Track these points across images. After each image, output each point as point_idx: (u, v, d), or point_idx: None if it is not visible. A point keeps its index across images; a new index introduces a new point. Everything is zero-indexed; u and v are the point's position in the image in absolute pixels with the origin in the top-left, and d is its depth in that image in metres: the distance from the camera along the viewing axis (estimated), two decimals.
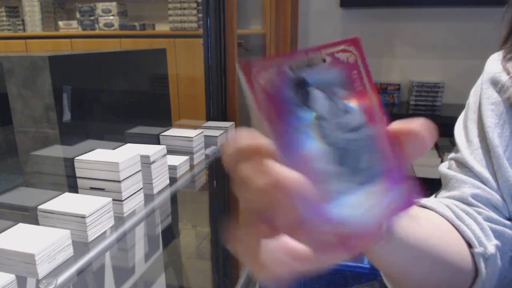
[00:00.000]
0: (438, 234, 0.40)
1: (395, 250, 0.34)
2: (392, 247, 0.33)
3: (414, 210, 0.33)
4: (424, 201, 0.46)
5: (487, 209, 0.44)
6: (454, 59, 2.29)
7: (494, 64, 0.50)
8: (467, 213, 0.43)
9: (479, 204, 0.45)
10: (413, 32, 2.31)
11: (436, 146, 2.20)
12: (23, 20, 3.06)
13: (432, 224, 0.41)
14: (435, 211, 0.44)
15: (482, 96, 0.49)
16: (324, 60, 0.24)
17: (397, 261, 0.35)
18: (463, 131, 0.52)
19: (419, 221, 0.36)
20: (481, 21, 2.16)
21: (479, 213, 0.44)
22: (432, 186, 0.54)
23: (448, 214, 0.43)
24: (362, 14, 2.38)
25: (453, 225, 0.42)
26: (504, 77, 0.48)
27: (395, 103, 2.35)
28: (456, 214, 0.43)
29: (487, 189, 0.45)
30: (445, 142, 2.24)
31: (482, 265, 0.40)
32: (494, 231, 0.43)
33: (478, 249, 0.40)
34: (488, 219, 0.43)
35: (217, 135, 1.26)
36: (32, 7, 2.96)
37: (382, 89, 2.35)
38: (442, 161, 2.26)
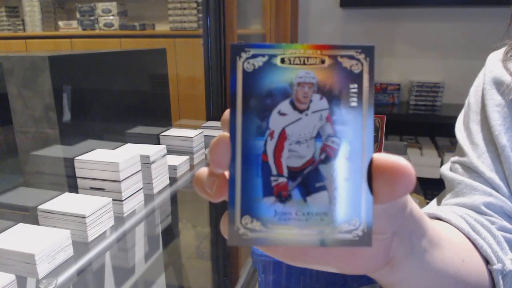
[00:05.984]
0: (459, 257, 0.36)
1: (413, 275, 0.29)
2: (409, 273, 0.29)
3: (435, 230, 0.28)
4: (437, 211, 0.43)
5: (500, 218, 0.43)
6: (454, 59, 2.29)
7: (495, 63, 0.49)
8: (482, 224, 0.41)
9: (492, 213, 0.43)
10: (413, 32, 2.31)
11: (436, 146, 2.20)
12: (23, 20, 3.05)
13: (453, 246, 0.35)
14: (450, 223, 0.41)
15: (486, 97, 0.48)
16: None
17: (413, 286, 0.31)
18: (465, 133, 0.50)
19: (443, 245, 0.31)
20: (481, 21, 2.16)
21: (492, 223, 0.42)
22: (432, 186, 0.54)
23: (463, 226, 0.40)
24: (362, 14, 2.38)
25: (469, 239, 0.40)
26: (507, 78, 0.46)
27: (395, 103, 2.35)
28: (472, 226, 0.40)
29: (500, 196, 0.43)
30: (445, 142, 2.23)
31: (501, 282, 0.38)
32: (508, 241, 0.41)
33: (496, 266, 0.38)
34: (501, 229, 0.42)
35: (217, 135, 1.26)
36: (32, 7, 2.96)
37: (382, 89, 2.35)
38: (442, 161, 2.25)
